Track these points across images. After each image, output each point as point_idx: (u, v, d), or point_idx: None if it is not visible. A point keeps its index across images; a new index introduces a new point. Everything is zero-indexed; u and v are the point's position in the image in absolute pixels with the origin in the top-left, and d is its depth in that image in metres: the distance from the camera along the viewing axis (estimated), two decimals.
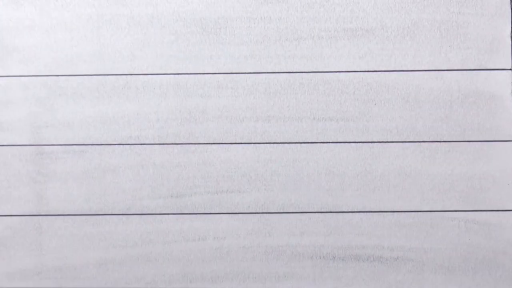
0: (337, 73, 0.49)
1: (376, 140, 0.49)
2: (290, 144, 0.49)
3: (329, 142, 0.49)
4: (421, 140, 0.49)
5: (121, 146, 0.49)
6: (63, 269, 0.49)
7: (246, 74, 0.49)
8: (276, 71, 0.49)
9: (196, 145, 0.49)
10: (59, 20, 0.50)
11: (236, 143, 0.49)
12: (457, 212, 0.49)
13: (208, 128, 0.49)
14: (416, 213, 0.49)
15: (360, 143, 0.49)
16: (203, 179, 0.49)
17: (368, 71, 0.49)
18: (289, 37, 0.50)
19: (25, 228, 0.49)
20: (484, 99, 0.49)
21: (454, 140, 0.49)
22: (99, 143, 0.49)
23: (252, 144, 0.49)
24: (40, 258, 0.49)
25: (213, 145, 0.49)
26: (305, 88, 0.49)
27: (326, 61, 0.49)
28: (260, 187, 0.49)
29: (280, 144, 0.49)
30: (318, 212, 0.49)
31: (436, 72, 0.49)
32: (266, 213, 0.49)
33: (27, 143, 0.49)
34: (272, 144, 0.49)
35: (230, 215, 0.49)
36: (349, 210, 0.49)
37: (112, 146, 0.49)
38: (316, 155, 0.49)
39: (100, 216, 0.49)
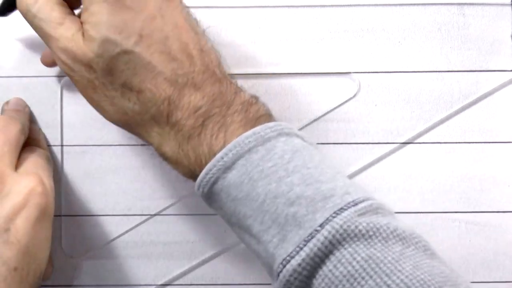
0: (338, 74, 0.49)
1: (377, 141, 0.49)
2: None
3: (330, 143, 0.49)
4: (422, 141, 0.49)
5: (122, 147, 0.49)
6: (65, 269, 0.49)
7: (247, 75, 0.49)
8: (277, 72, 0.49)
9: None
10: None
11: None
12: (458, 213, 0.49)
13: None
14: (417, 214, 0.49)
15: (361, 144, 0.49)
16: None
17: (369, 72, 0.49)
18: (290, 38, 0.50)
19: None
20: (485, 100, 0.49)
21: (455, 141, 0.49)
22: (100, 144, 0.49)
23: None
24: None
25: None
26: (306, 89, 0.49)
27: (327, 62, 0.49)
28: None
29: None
30: None
31: (437, 73, 0.49)
32: None
33: None
34: None
35: None
36: None
37: (113, 146, 0.49)
38: None
39: (101, 217, 0.49)
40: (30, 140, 0.47)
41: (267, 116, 0.42)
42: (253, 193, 0.39)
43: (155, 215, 0.49)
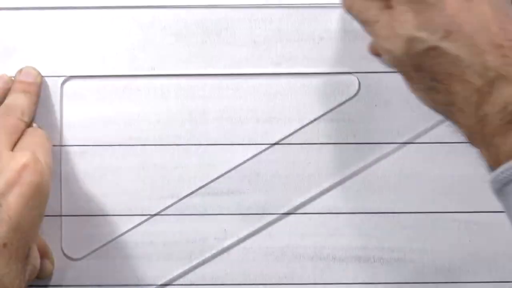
0: (338, 74, 0.49)
1: (377, 141, 0.49)
2: (291, 145, 0.49)
3: (330, 143, 0.49)
4: (422, 141, 0.49)
5: (122, 147, 0.49)
6: (64, 270, 0.49)
7: (247, 75, 0.49)
8: (277, 72, 0.49)
9: (197, 146, 0.49)
10: (60, 21, 0.50)
11: (237, 144, 0.49)
12: (458, 214, 0.49)
13: (209, 129, 0.49)
14: (417, 214, 0.49)
15: (361, 144, 0.49)
16: (203, 180, 0.49)
17: (369, 72, 0.49)
18: (290, 38, 0.50)
19: None
20: None
21: (455, 141, 0.49)
22: (100, 144, 0.49)
23: (253, 145, 0.49)
24: None
25: (214, 146, 0.49)
26: (306, 89, 0.49)
27: (327, 62, 0.49)
28: (261, 188, 0.49)
29: (281, 145, 0.49)
30: (318, 213, 0.49)
31: None
32: (266, 214, 0.49)
33: None
34: (273, 145, 0.49)
35: (230, 216, 0.49)
36: (350, 211, 0.49)
37: (113, 147, 0.49)
38: (317, 156, 0.49)
39: (101, 217, 0.49)
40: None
41: None
42: None
43: (155, 215, 0.49)
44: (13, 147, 0.44)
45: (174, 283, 0.49)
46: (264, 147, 0.49)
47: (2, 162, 0.42)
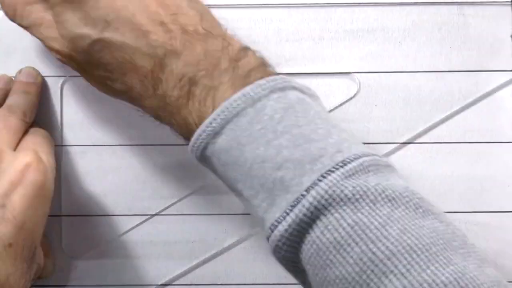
0: (338, 74, 0.49)
1: (377, 142, 0.49)
2: None
3: None
4: (421, 141, 0.49)
5: (122, 147, 0.49)
6: (65, 269, 0.49)
7: None
8: (277, 72, 0.49)
9: None
10: None
11: None
12: (458, 214, 0.49)
13: None
14: None
15: None
16: (204, 179, 0.49)
17: (369, 72, 0.49)
18: (290, 38, 0.50)
19: None
20: (485, 101, 0.49)
21: (455, 141, 0.49)
22: (100, 144, 0.49)
23: None
24: None
25: None
26: None
27: (327, 62, 0.49)
28: None
29: None
30: None
31: (437, 73, 0.49)
32: None
33: None
34: None
35: (230, 216, 0.49)
36: None
37: (113, 147, 0.49)
38: None
39: (101, 217, 0.49)
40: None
41: (260, 68, 0.40)
42: (241, 158, 0.38)
43: (155, 215, 0.49)
44: (16, 147, 0.45)
45: (174, 283, 0.49)
46: None
47: (5, 162, 0.42)
